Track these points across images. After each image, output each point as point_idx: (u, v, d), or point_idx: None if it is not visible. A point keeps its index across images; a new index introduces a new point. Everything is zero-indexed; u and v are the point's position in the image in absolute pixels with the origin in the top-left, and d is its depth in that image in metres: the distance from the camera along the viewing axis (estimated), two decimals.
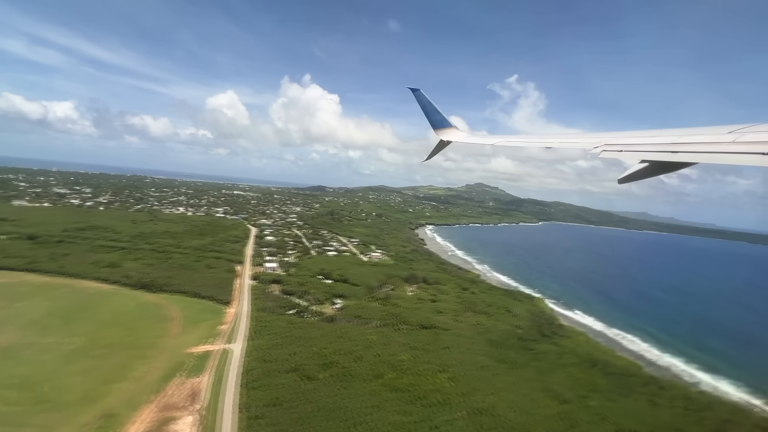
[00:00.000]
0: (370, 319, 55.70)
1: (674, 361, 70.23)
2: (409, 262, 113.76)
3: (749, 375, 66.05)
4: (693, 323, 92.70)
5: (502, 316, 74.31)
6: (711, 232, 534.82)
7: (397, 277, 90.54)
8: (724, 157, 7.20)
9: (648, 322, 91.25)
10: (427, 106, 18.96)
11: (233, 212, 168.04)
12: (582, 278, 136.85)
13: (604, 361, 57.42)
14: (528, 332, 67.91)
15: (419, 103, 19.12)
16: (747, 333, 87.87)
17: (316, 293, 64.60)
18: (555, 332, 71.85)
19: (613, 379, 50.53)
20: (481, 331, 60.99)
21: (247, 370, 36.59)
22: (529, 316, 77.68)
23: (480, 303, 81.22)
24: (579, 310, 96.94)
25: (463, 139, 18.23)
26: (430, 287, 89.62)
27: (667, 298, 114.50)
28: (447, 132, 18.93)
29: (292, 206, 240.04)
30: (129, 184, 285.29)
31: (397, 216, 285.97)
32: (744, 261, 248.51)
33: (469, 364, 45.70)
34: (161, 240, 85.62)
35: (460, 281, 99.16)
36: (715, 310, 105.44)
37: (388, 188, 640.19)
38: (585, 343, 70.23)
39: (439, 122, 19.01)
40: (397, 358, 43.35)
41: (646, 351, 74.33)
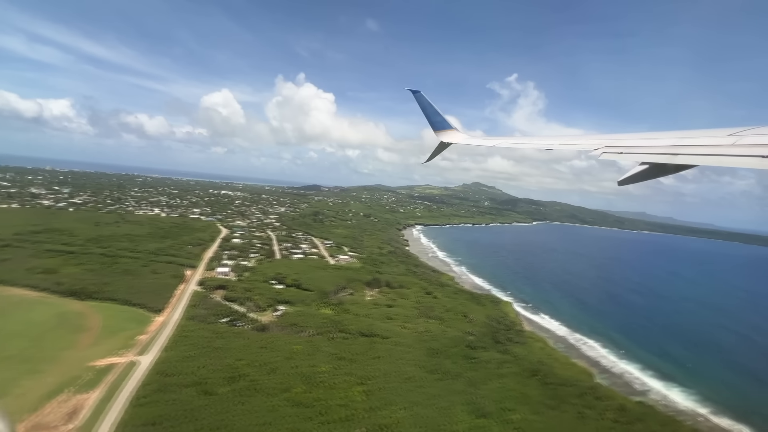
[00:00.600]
0: (306, 328, 54.67)
1: (629, 368, 69.36)
2: (379, 265, 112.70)
3: (703, 383, 65.31)
4: (659, 328, 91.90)
5: (457, 322, 73.31)
6: (706, 233, 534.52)
7: (358, 281, 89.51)
8: (724, 159, 7.24)
9: (614, 326, 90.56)
10: (428, 108, 19.10)
11: (211, 213, 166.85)
12: (559, 280, 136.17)
13: (548, 370, 56.42)
14: (480, 339, 66.95)
15: (419, 104, 19.24)
16: (712, 338, 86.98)
17: (261, 300, 63.54)
18: (510, 339, 70.92)
19: (549, 389, 49.54)
20: (425, 338, 59.95)
21: (144, 384, 35.57)
22: (487, 321, 76.68)
23: (438, 308, 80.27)
24: (546, 314, 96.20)
25: (464, 141, 18.32)
26: (392, 291, 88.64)
27: (639, 302, 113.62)
28: (447, 134, 19.03)
29: (277, 206, 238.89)
30: (116, 183, 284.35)
31: (386, 216, 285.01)
32: (731, 262, 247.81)
33: (394, 376, 44.69)
34: (117, 243, 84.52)
35: (427, 285, 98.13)
36: (685, 314, 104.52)
37: (384, 187, 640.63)
38: (539, 350, 69.30)
39: (439, 124, 19.14)
40: (316, 370, 42.32)
41: (603, 357, 73.47)
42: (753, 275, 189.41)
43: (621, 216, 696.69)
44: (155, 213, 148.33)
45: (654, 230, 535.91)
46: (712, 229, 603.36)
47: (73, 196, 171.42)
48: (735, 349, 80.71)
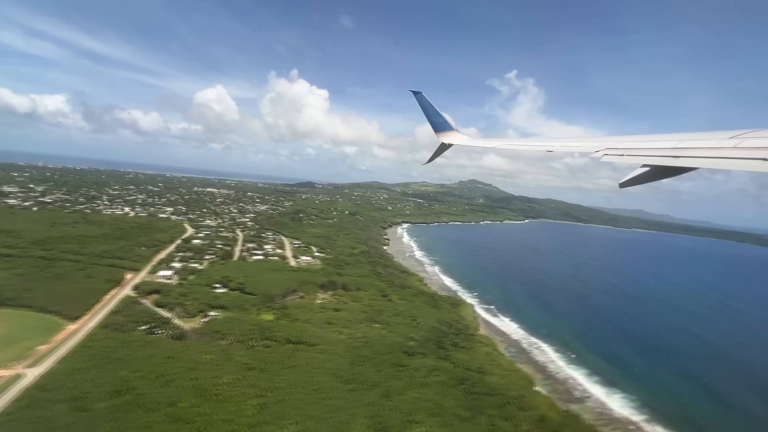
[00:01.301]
0: (229, 335, 53.55)
1: (575, 374, 68.52)
2: (344, 266, 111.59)
3: (646, 389, 64.54)
4: (619, 331, 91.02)
5: (403, 326, 72.26)
6: (700, 231, 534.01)
7: (312, 283, 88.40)
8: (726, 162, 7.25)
9: (573, 329, 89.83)
10: (429, 109, 19.23)
11: (185, 212, 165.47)
12: (531, 280, 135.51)
13: (478, 378, 55.43)
14: (421, 344, 65.95)
15: (421, 105, 19.38)
16: (671, 342, 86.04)
17: (193, 305, 62.36)
18: (456, 344, 69.95)
19: (471, 399, 48.57)
20: (357, 345, 58.88)
21: (16, 400, 34.46)
22: (437, 326, 75.67)
23: (389, 312, 79.25)
24: (507, 316, 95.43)
25: (465, 142, 18.40)
26: (347, 294, 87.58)
27: (607, 303, 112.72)
28: (448, 135, 19.17)
29: (259, 205, 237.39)
30: (101, 180, 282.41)
31: (372, 214, 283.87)
32: (717, 262, 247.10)
33: (301, 387, 43.61)
34: (63, 245, 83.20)
35: (387, 287, 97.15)
36: (650, 316, 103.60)
37: (380, 185, 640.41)
38: (484, 355, 68.28)
39: (440, 125, 19.26)
40: (217, 381, 41.21)
41: (552, 362, 72.62)
42: (734, 276, 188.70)
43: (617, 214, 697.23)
44: (124, 212, 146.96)
45: (648, 228, 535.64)
46: (707, 227, 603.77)
47: (45, 194, 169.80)
48: (690, 354, 79.83)
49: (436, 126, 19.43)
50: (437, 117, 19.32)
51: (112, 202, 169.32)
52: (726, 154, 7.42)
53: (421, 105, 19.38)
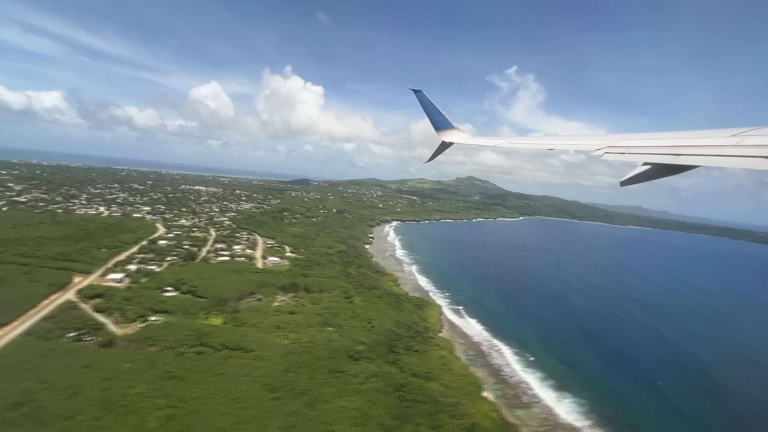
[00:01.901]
0: (161, 341, 52.57)
1: (529, 378, 67.74)
2: (313, 266, 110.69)
3: (599, 393, 63.85)
4: (586, 332, 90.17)
5: (356, 330, 71.30)
6: (696, 228, 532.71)
7: (273, 285, 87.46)
8: (727, 160, 7.25)
9: (538, 330, 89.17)
10: (430, 108, 19.15)
11: (163, 211, 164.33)
12: (509, 279, 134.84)
13: (420, 384, 54.50)
14: (371, 349, 65.06)
15: (421, 104, 19.28)
16: (635, 344, 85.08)
17: (135, 310, 61.38)
18: (410, 347, 69.06)
19: (403, 407, 47.64)
20: (299, 350, 57.91)
21: None
22: (393, 329, 74.83)
23: (346, 314, 78.34)
24: (475, 318, 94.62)
25: (466, 141, 18.33)
26: (307, 296, 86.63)
27: (579, 303, 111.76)
28: (449, 133, 19.09)
29: (245, 203, 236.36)
30: (88, 178, 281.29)
31: (362, 212, 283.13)
32: (705, 259, 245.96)
33: (220, 396, 42.66)
34: (17, 248, 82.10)
35: (353, 288, 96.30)
36: (620, 316, 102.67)
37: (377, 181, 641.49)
38: (437, 359, 67.40)
39: (441, 123, 19.19)
40: (129, 392, 40.25)
41: (508, 366, 71.82)
42: (718, 274, 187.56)
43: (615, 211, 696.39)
44: (98, 212, 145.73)
45: (643, 225, 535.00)
46: (704, 224, 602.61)
47: (21, 193, 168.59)
48: (651, 357, 78.88)
49: (436, 124, 19.35)
50: (438, 115, 19.25)
51: (90, 202, 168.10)
52: (728, 152, 7.42)
53: (421, 103, 19.30)
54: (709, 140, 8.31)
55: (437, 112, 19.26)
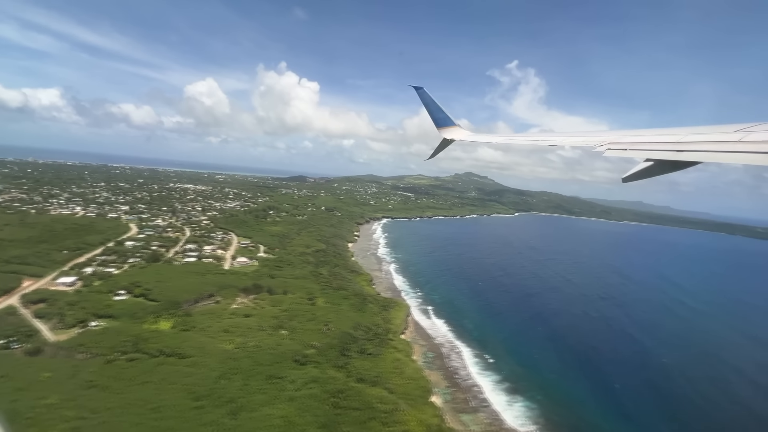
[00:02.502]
0: (94, 348, 51.76)
1: (483, 382, 67.00)
2: (283, 267, 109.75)
3: (552, 397, 62.99)
4: (553, 332, 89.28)
5: (309, 333, 70.45)
6: (692, 222, 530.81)
7: (234, 287, 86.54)
8: (730, 156, 7.27)
9: (505, 331, 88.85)
10: (431, 105, 19.27)
11: (143, 210, 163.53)
12: (487, 277, 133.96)
13: (360, 390, 53.66)
14: (321, 353, 64.24)
15: (423, 101, 19.35)
16: (601, 345, 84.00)
17: (77, 315, 60.56)
18: (364, 350, 68.23)
19: (335, 414, 46.76)
20: (240, 356, 57.01)
21: None
22: (350, 331, 73.87)
23: (303, 317, 77.45)
24: (443, 318, 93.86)
25: (467, 138, 18.41)
26: (269, 298, 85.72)
27: (551, 302, 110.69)
28: (450, 130, 19.20)
29: (231, 201, 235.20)
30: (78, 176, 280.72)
31: (352, 209, 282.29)
32: (693, 255, 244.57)
33: (140, 406, 41.81)
34: None
35: (320, 288, 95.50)
36: (591, 315, 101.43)
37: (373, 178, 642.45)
38: (391, 362, 66.56)
39: (442, 120, 19.37)
40: (39, 403, 39.44)
41: (464, 369, 71.05)
42: (704, 271, 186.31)
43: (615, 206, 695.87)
44: (73, 212, 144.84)
45: (640, 221, 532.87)
46: (703, 219, 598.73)
47: (1, 193, 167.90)
48: (614, 358, 77.85)
49: (438, 122, 19.42)
50: (439, 112, 19.35)
51: (69, 201, 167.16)
52: (731, 148, 7.42)
53: (422, 101, 19.34)
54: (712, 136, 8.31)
55: (438, 109, 19.34)
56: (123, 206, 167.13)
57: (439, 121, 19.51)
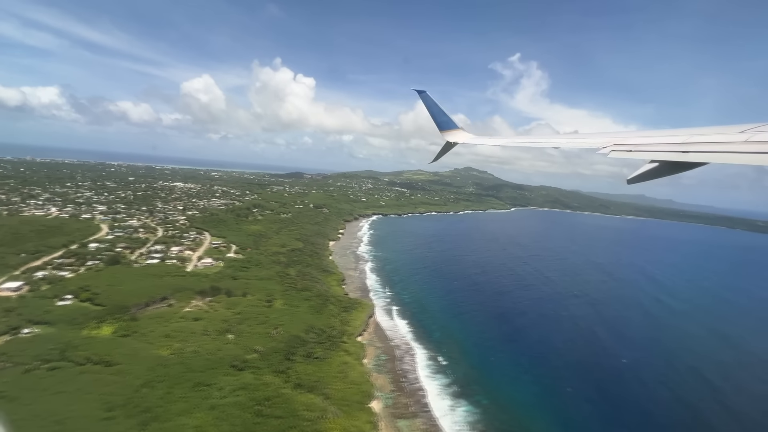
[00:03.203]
0: (15, 357, 51.13)
1: (431, 385, 66.50)
2: (250, 267, 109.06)
3: (498, 402, 62.22)
4: (515, 332, 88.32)
5: (257, 336, 69.81)
6: (692, 216, 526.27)
7: (192, 289, 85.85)
8: (737, 157, 7.29)
9: (466, 331, 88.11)
10: (433, 108, 19.53)
11: (117, 210, 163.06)
12: (463, 275, 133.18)
13: (290, 396, 52.84)
14: (265, 357, 63.54)
15: (425, 104, 19.64)
16: (564, 347, 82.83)
17: (9, 321, 59.78)
18: (312, 354, 67.54)
19: (254, 424, 46.10)
20: (172, 362, 56.27)
21: None
22: (300, 334, 73.20)
23: (256, 319, 76.77)
24: (407, 318, 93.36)
25: (470, 141, 18.65)
26: (226, 300, 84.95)
27: (522, 299, 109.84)
28: (453, 133, 19.49)
29: (216, 200, 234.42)
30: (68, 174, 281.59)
31: (342, 206, 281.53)
32: (683, 250, 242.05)
33: (44, 418, 41.06)
34: None
35: (282, 290, 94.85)
36: (560, 315, 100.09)
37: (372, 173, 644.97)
38: (338, 366, 65.90)
39: (445, 123, 19.65)
40: None
41: (414, 372, 70.38)
42: (690, 266, 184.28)
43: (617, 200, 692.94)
44: (47, 213, 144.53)
45: (639, 215, 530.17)
46: (703, 212, 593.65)
47: None
48: (574, 359, 76.58)
49: (440, 125, 19.66)
50: (441, 116, 19.55)
51: (48, 202, 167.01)
52: (737, 149, 7.43)
53: (425, 104, 19.59)
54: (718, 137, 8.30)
55: (441, 112, 19.55)
56: (101, 206, 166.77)
57: (441, 124, 19.69)
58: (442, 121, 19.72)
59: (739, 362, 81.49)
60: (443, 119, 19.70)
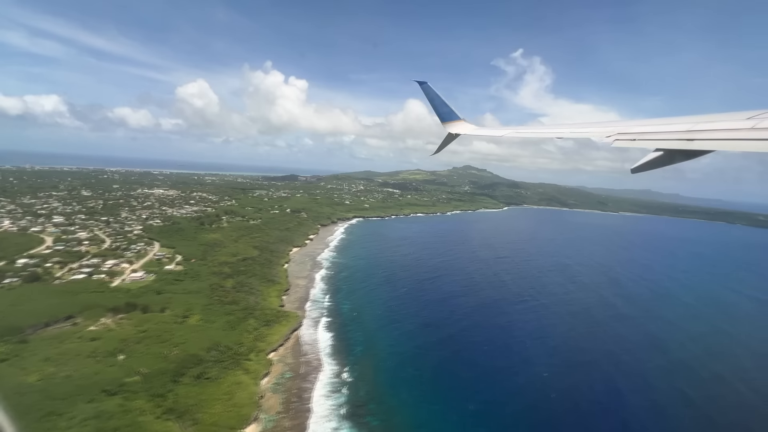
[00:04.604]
0: None
1: (322, 406, 64.83)
2: (183, 280, 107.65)
3: (388, 424, 59.75)
4: (435, 343, 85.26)
5: (149, 357, 67.99)
6: (692, 212, 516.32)
7: (103, 306, 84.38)
8: (743, 144, 7.28)
9: (393, 343, 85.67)
10: (435, 99, 19.41)
11: (72, 222, 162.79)
12: (414, 280, 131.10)
13: (142, 424, 50.99)
14: (149, 380, 61.95)
15: (427, 96, 19.51)
16: (478, 359, 79.89)
17: None
18: (203, 374, 66.15)
19: None
20: (31, 390, 54.65)
21: None
22: (201, 352, 71.39)
23: (159, 338, 75.23)
24: (333, 332, 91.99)
25: (472, 132, 18.51)
26: (139, 317, 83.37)
27: (462, 308, 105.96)
28: (455, 125, 19.36)
29: (189, 207, 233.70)
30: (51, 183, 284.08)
31: (323, 210, 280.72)
32: (667, 249, 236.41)
33: None
34: None
35: (205, 303, 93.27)
36: (495, 323, 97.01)
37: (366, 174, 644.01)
38: (228, 386, 64.12)
39: (446, 115, 19.57)
40: None
41: (310, 391, 68.50)
42: (661, 269, 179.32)
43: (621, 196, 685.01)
44: None
45: (638, 211, 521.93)
46: (705, 207, 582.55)
47: None
48: (488, 376, 73.56)
49: (442, 116, 19.54)
50: (443, 107, 19.41)
51: (7, 214, 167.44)
52: (743, 136, 7.41)
53: (426, 95, 19.42)
54: (724, 124, 8.20)
55: (443, 103, 19.34)
56: (59, 218, 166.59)
57: (443, 115, 19.50)
58: (443, 113, 19.50)
59: (666, 368, 78.26)
60: (445, 110, 19.45)
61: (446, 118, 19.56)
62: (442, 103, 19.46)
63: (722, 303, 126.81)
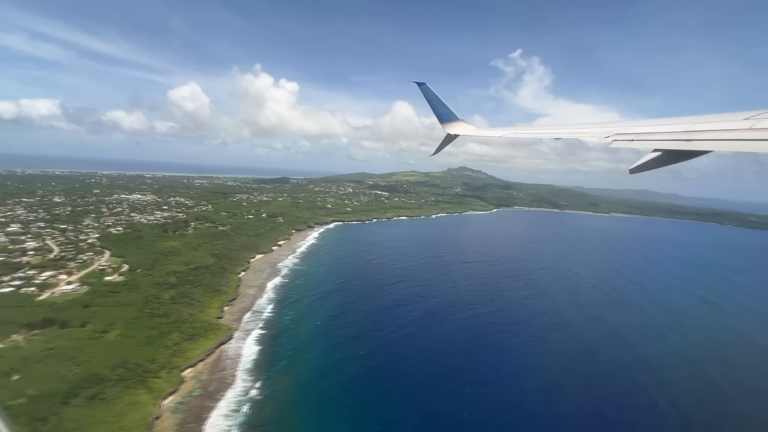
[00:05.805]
0: None
1: (218, 428, 61.64)
2: (121, 291, 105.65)
3: None
4: (365, 355, 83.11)
5: (43, 376, 65.91)
6: (683, 213, 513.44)
7: (18, 322, 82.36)
8: (741, 144, 7.33)
9: (315, 356, 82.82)
10: (434, 100, 19.56)
11: (40, 227, 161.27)
12: (367, 288, 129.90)
13: None
14: (33, 402, 59.73)
15: (425, 96, 19.63)
16: (409, 370, 77.72)
17: None
18: (98, 395, 64.60)
19: None
20: None
21: None
22: (104, 370, 69.31)
23: (63, 356, 73.00)
24: (264, 345, 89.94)
25: (470, 132, 18.56)
26: (57, 332, 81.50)
27: (408, 315, 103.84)
28: (453, 125, 19.46)
29: (161, 212, 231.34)
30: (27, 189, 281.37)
31: (301, 214, 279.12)
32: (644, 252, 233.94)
33: None
34: None
35: (131, 317, 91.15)
36: (434, 334, 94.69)
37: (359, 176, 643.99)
38: (122, 408, 62.35)
39: (445, 116, 19.74)
40: None
41: (211, 410, 65.85)
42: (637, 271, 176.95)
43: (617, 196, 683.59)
44: None
45: (629, 212, 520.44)
46: (698, 207, 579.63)
47: None
48: (415, 391, 71.25)
49: (441, 117, 19.65)
50: (442, 108, 19.55)
51: None
52: (741, 136, 7.47)
53: (425, 96, 19.50)
54: (721, 124, 8.30)
55: (441, 104, 19.48)
56: (16, 225, 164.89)
57: (442, 116, 19.55)
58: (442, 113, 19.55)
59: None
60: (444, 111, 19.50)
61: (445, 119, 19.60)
62: (440, 104, 19.51)
63: (674, 308, 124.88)
